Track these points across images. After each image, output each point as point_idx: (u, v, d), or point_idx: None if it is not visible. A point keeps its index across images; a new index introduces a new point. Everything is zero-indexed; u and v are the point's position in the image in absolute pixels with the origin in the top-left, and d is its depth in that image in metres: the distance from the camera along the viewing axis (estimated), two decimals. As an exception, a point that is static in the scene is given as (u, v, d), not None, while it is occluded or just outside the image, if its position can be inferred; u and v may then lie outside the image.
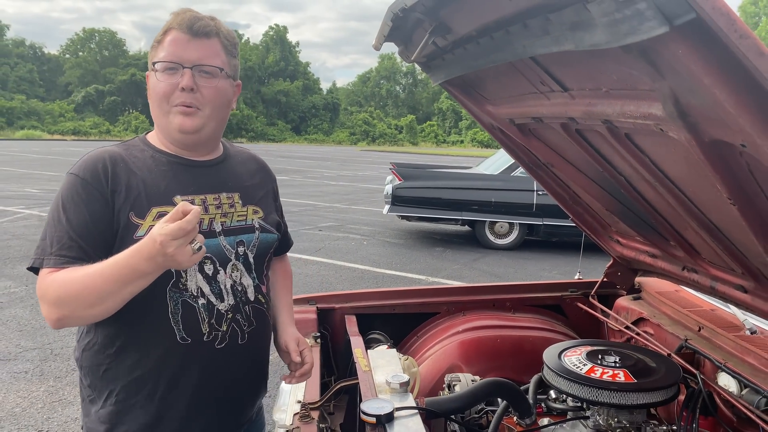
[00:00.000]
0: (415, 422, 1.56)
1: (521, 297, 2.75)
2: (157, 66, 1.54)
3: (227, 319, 1.60)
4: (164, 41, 1.55)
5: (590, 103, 1.42)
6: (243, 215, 1.68)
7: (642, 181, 1.68)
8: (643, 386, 1.68)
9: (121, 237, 1.49)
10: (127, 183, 1.52)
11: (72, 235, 1.46)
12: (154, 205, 1.52)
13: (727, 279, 1.81)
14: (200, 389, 1.59)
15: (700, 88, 0.90)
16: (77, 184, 1.51)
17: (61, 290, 1.40)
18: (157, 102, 1.57)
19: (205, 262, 1.57)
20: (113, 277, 1.36)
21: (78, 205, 1.48)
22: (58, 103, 66.87)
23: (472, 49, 1.62)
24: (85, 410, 1.63)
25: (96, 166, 1.53)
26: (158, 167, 1.59)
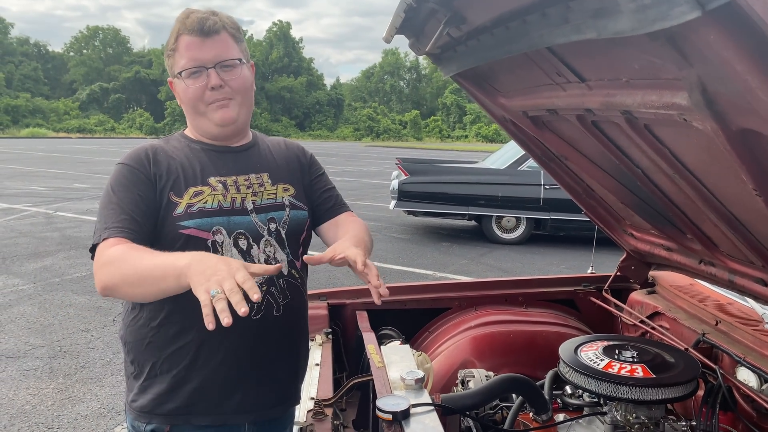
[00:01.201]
0: (432, 419, 1.54)
1: (533, 292, 2.73)
2: (183, 74, 1.64)
3: (261, 291, 1.65)
4: (179, 48, 1.64)
5: (609, 93, 1.39)
6: (273, 193, 1.76)
7: (660, 173, 1.65)
8: (663, 381, 1.65)
9: (163, 216, 1.60)
10: (167, 167, 1.65)
11: (125, 208, 1.56)
12: (190, 186, 1.64)
13: (747, 272, 1.78)
14: (238, 359, 1.65)
15: (732, 76, 0.87)
16: (124, 170, 1.63)
17: (113, 261, 1.45)
18: (192, 105, 1.68)
19: (239, 237, 1.66)
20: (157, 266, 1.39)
21: (126, 187, 1.60)
22: (62, 101, 67.05)
23: (486, 40, 1.59)
24: (129, 386, 1.70)
25: (140, 154, 1.67)
26: (194, 154, 1.71)
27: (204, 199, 1.63)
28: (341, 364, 2.53)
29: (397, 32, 1.78)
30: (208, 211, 1.62)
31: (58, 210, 11.99)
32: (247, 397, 1.69)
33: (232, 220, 1.65)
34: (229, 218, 1.65)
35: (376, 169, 24.37)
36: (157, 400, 1.63)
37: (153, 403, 1.63)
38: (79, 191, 15.07)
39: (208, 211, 1.62)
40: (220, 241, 1.62)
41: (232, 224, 1.65)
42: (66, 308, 5.96)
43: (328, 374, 2.05)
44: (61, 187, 15.93)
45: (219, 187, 1.67)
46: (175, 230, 1.59)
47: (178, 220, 1.60)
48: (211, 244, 1.61)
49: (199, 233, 1.60)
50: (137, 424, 1.66)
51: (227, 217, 1.65)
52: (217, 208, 1.64)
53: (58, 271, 7.36)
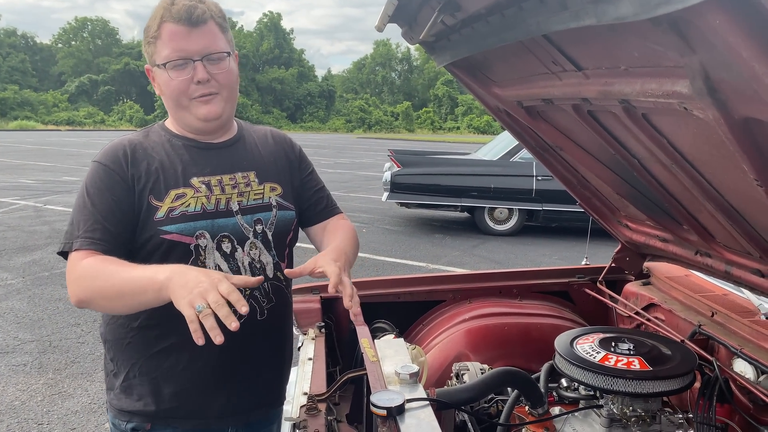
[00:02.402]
0: (427, 414, 1.52)
1: (528, 284, 2.71)
2: (167, 65, 1.55)
3: (245, 295, 1.61)
4: (162, 36, 1.54)
5: (606, 82, 1.37)
6: (260, 194, 1.70)
7: (657, 164, 1.63)
8: (660, 374, 1.63)
9: (143, 220, 1.55)
10: (146, 168, 1.57)
11: (98, 218, 1.50)
12: (171, 188, 1.57)
13: (743, 263, 1.76)
14: (221, 362, 1.62)
15: (737, 62, 0.85)
16: (100, 170, 1.56)
17: (87, 276, 1.43)
18: (174, 99, 1.59)
19: (222, 240, 1.61)
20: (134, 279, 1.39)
21: (102, 191, 1.53)
22: (51, 93, 66.43)
23: (481, 28, 1.56)
24: (109, 384, 1.68)
25: (117, 153, 1.58)
26: (175, 151, 1.63)
27: (186, 202, 1.57)
28: (335, 358, 2.51)
29: (389, 21, 1.74)
30: (191, 215, 1.57)
31: (47, 203, 11.88)
32: (230, 402, 1.67)
33: (216, 223, 1.60)
34: (213, 221, 1.60)
35: (368, 161, 24.32)
36: (138, 402, 1.60)
37: (133, 404, 1.61)
38: (69, 184, 14.93)
39: (191, 215, 1.57)
40: (203, 245, 1.57)
41: (216, 227, 1.60)
42: (55, 302, 5.91)
43: (322, 369, 2.02)
44: (50, 180, 15.78)
45: (202, 188, 1.60)
46: (157, 235, 1.54)
47: (160, 225, 1.54)
48: (194, 248, 1.56)
49: (181, 238, 1.55)
50: (117, 422, 1.64)
51: (211, 221, 1.59)
52: (201, 212, 1.59)
53: (48, 264, 7.29)
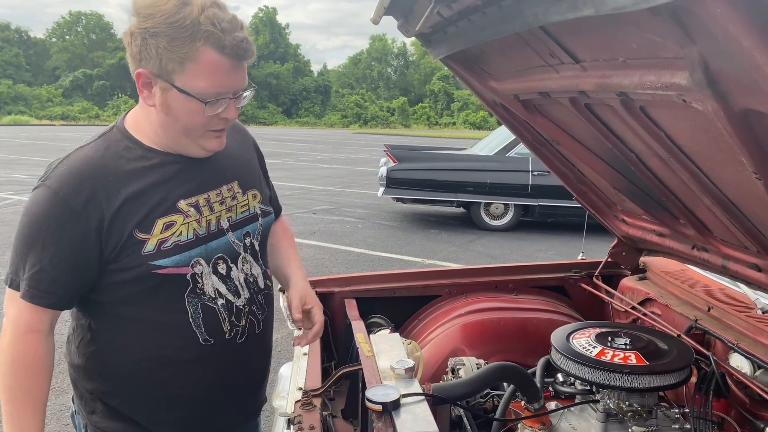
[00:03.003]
0: (422, 409, 1.51)
1: (524, 278, 2.70)
2: (202, 100, 1.34)
3: (245, 314, 1.58)
4: (199, 62, 1.30)
5: (604, 74, 1.35)
6: (245, 205, 1.60)
7: (654, 157, 1.62)
8: (656, 369, 1.63)
9: (126, 255, 1.39)
10: (124, 199, 1.37)
11: (45, 265, 1.35)
12: (158, 217, 1.42)
13: (740, 257, 1.76)
14: (226, 385, 1.59)
15: (737, 52, 0.84)
16: (56, 205, 1.34)
17: (12, 368, 1.38)
18: (188, 129, 1.41)
19: (218, 262, 1.51)
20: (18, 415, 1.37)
21: (58, 233, 1.34)
22: (45, 88, 66.07)
23: (478, 20, 1.54)
24: (89, 407, 1.56)
25: (81, 184, 1.35)
26: (153, 171, 1.43)
27: (177, 230, 1.43)
28: (330, 353, 2.50)
29: (385, 13, 1.72)
30: (184, 244, 1.44)
31: (42, 198, 11.82)
32: (231, 415, 1.66)
33: (210, 247, 1.49)
34: (206, 246, 1.48)
35: (364, 156, 24.28)
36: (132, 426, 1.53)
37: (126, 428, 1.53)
38: (63, 179, 14.85)
39: (184, 244, 1.44)
40: (199, 273, 1.47)
41: (210, 251, 1.49)
42: (50, 298, 5.88)
43: (317, 364, 2.01)
44: (44, 175, 15.70)
45: (191, 212, 1.46)
46: (147, 271, 1.40)
47: (151, 260, 1.39)
48: (190, 277, 1.45)
49: (177, 270, 1.43)
50: None
51: (205, 246, 1.48)
52: (193, 238, 1.46)
53: (42, 260, 7.26)
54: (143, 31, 1.32)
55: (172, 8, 1.29)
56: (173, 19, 1.29)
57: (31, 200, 1.39)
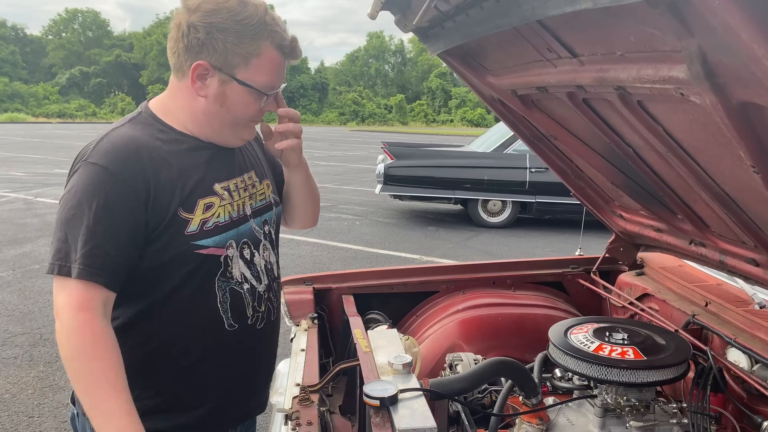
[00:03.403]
0: (420, 404, 1.50)
1: (521, 274, 2.70)
2: (266, 97, 1.47)
3: (264, 300, 1.62)
4: (263, 58, 1.42)
5: (602, 68, 1.35)
6: (263, 193, 1.65)
7: (652, 152, 1.62)
8: (654, 364, 1.63)
9: (170, 233, 1.40)
10: (167, 176, 1.40)
11: (99, 240, 1.31)
12: (199, 198, 1.46)
13: (738, 252, 1.76)
14: (245, 372, 1.60)
15: (736, 44, 0.83)
16: (106, 180, 1.34)
17: (86, 349, 1.28)
18: (239, 119, 1.49)
19: (244, 247, 1.55)
20: (95, 401, 1.28)
21: (109, 208, 1.33)
22: (42, 86, 65.95)
23: (476, 15, 1.54)
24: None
25: (128, 158, 1.37)
26: (189, 154, 1.48)
27: (216, 212, 1.48)
28: (327, 349, 2.49)
29: (382, 8, 1.71)
30: (222, 225, 1.49)
31: (38, 196, 11.80)
32: (250, 403, 1.68)
33: (239, 231, 1.54)
34: (237, 230, 1.53)
35: (361, 153, 24.26)
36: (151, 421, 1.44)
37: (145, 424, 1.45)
38: (60, 177, 14.82)
39: (222, 226, 1.49)
40: (230, 255, 1.51)
41: (239, 235, 1.54)
42: (46, 295, 5.86)
43: (314, 360, 2.00)
44: (41, 172, 15.67)
45: (225, 195, 1.51)
46: (190, 251, 1.43)
47: (193, 240, 1.43)
48: (223, 260, 1.49)
49: (216, 251, 1.47)
50: None
51: (236, 229, 1.53)
52: (228, 221, 1.51)
53: (38, 257, 7.24)
54: (208, 25, 1.38)
55: (236, 6, 1.38)
56: (240, 17, 1.38)
57: (77, 180, 1.36)
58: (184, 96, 1.47)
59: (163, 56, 75.03)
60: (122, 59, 73.83)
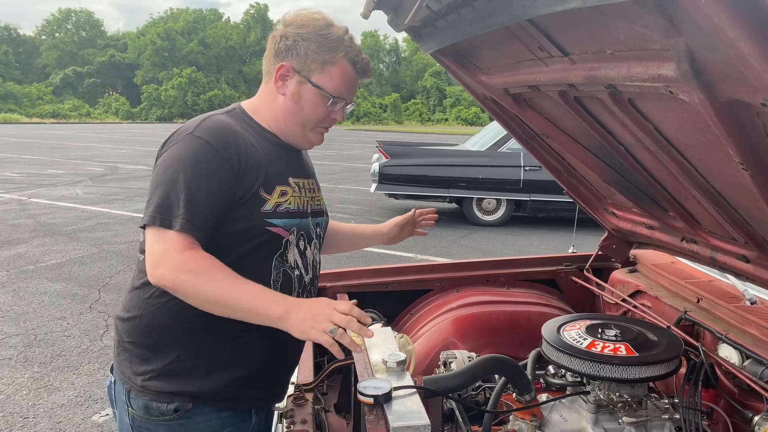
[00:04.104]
0: (414, 401, 1.51)
1: (515, 272, 2.71)
2: (330, 96, 1.64)
3: (307, 291, 1.76)
4: (336, 67, 1.64)
5: (592, 67, 1.36)
6: (319, 200, 1.85)
7: (643, 150, 1.63)
8: (646, 360, 1.64)
9: (249, 206, 1.58)
10: (255, 160, 1.59)
11: (199, 202, 1.48)
12: (277, 184, 1.64)
13: (729, 249, 1.77)
14: (275, 357, 1.68)
15: (723, 43, 0.84)
16: (208, 152, 1.53)
17: (192, 270, 1.43)
18: (308, 119, 1.68)
19: (300, 238, 1.71)
20: (245, 299, 1.44)
21: (207, 174, 1.51)
22: (35, 86, 65.68)
23: (467, 14, 1.54)
24: (138, 369, 1.61)
25: (227, 137, 1.56)
26: (272, 147, 1.69)
27: (288, 199, 1.67)
28: (322, 348, 2.50)
29: (375, 7, 1.72)
30: (292, 212, 1.67)
31: (32, 196, 11.76)
32: (275, 388, 1.75)
33: (302, 223, 1.72)
34: (300, 220, 1.71)
35: (356, 152, 24.26)
36: (187, 383, 1.59)
37: (180, 386, 1.58)
38: (54, 177, 14.78)
39: (292, 213, 1.67)
40: (291, 241, 1.67)
41: (301, 226, 1.71)
42: (41, 296, 5.85)
43: (309, 358, 2.01)
44: (34, 173, 15.61)
45: (296, 189, 1.71)
46: (262, 226, 1.60)
47: (267, 217, 1.61)
48: (284, 243, 1.65)
49: (282, 232, 1.64)
50: (155, 405, 1.59)
51: (300, 220, 1.71)
52: (296, 210, 1.69)
53: (32, 258, 7.22)
54: (296, 35, 1.64)
55: (323, 24, 1.65)
56: (324, 32, 1.64)
57: (181, 148, 1.54)
58: (269, 97, 1.70)
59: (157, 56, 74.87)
60: (116, 59, 73.59)
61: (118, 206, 10.88)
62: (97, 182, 14.07)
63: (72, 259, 7.20)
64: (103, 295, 5.87)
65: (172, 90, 63.35)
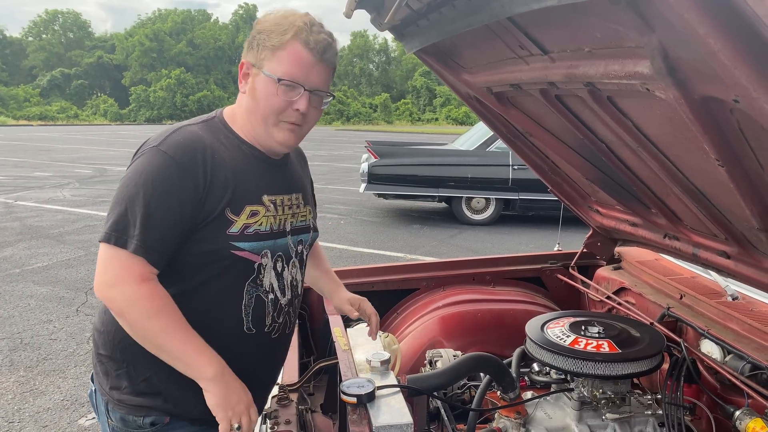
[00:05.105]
0: (397, 400, 1.51)
1: (501, 270, 2.72)
2: (280, 82, 1.52)
3: (284, 312, 1.69)
4: (287, 50, 1.52)
5: (571, 65, 1.37)
6: (304, 216, 1.75)
7: (624, 147, 1.64)
8: (628, 356, 1.65)
9: (213, 228, 1.50)
10: (224, 177, 1.52)
11: (156, 223, 1.43)
12: (247, 204, 1.56)
13: (710, 245, 1.78)
14: (252, 374, 1.62)
15: (693, 40, 0.85)
16: (172, 168, 1.46)
17: (143, 309, 1.42)
18: (266, 112, 1.56)
19: (278, 259, 1.64)
20: (183, 352, 1.44)
21: (169, 193, 1.45)
22: (22, 88, 65.08)
23: (448, 13, 1.55)
24: (115, 383, 1.59)
25: (194, 154, 1.49)
26: (247, 162, 1.60)
27: (259, 221, 1.58)
28: (309, 348, 2.50)
29: (356, 6, 1.72)
30: (262, 234, 1.58)
31: (18, 199, 11.66)
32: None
33: (277, 243, 1.63)
34: (275, 241, 1.63)
35: (346, 152, 24.23)
36: (162, 401, 1.56)
37: (155, 402, 1.56)
38: (41, 180, 14.66)
39: (262, 235, 1.58)
40: (264, 264, 1.60)
41: (276, 247, 1.63)
42: (27, 299, 5.80)
43: (294, 359, 2.01)
44: (21, 175, 15.47)
45: (271, 207, 1.62)
46: (227, 249, 1.52)
47: (232, 240, 1.52)
48: (257, 267, 1.58)
49: (250, 256, 1.56)
50: (131, 418, 1.57)
51: (274, 241, 1.62)
52: (269, 231, 1.60)
53: (18, 261, 7.15)
54: (256, 30, 1.57)
55: (281, 15, 1.57)
56: (278, 21, 1.54)
57: (144, 162, 1.48)
58: (239, 99, 1.63)
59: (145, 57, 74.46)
60: (104, 60, 73.11)
61: (105, 209, 10.76)
62: (84, 184, 13.96)
63: (59, 262, 7.14)
64: (90, 298, 5.82)
65: (160, 91, 63.01)
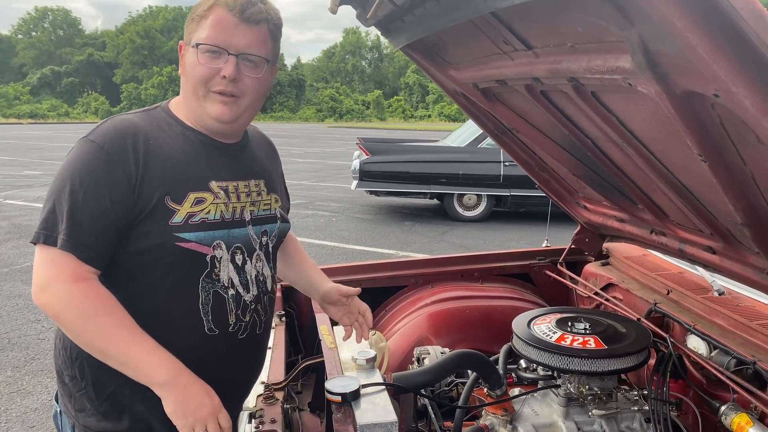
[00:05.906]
0: (383, 398, 1.50)
1: (489, 267, 2.71)
2: (200, 47, 1.43)
3: (250, 310, 1.57)
4: (208, 17, 1.43)
5: (555, 60, 1.36)
6: (268, 204, 1.63)
7: (609, 143, 1.63)
8: (614, 352, 1.65)
9: (154, 220, 1.40)
10: (161, 164, 1.42)
11: (85, 217, 1.34)
12: (191, 191, 1.44)
13: (696, 240, 1.78)
14: (220, 379, 1.50)
15: (672, 33, 0.84)
16: (100, 157, 1.37)
17: (88, 310, 1.32)
18: (193, 84, 1.47)
19: (236, 252, 1.52)
20: (130, 356, 1.33)
21: (97, 184, 1.35)
22: (12, 86, 64.61)
23: (432, 8, 1.54)
24: (77, 405, 1.50)
25: (124, 140, 1.39)
26: (191, 147, 1.50)
27: (206, 208, 1.46)
28: (296, 347, 2.49)
29: (341, 2, 1.70)
30: (210, 223, 1.46)
31: (7, 198, 11.57)
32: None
33: (232, 233, 1.52)
34: (229, 231, 1.51)
35: (338, 150, 24.19)
36: (123, 422, 1.47)
37: (121, 425, 1.47)
38: (30, 178, 14.56)
39: (210, 223, 1.46)
40: (219, 257, 1.48)
41: (232, 238, 1.51)
42: (14, 299, 5.76)
43: (281, 357, 1.99)
44: (10, 174, 15.36)
45: (221, 194, 1.50)
46: (171, 242, 1.41)
47: (176, 231, 1.41)
48: (209, 259, 1.46)
49: (199, 248, 1.44)
50: None
51: (228, 230, 1.50)
52: (219, 220, 1.48)
53: (7, 261, 7.10)
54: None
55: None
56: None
57: (73, 154, 1.40)
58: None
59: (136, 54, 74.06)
60: (95, 58, 72.68)
61: (96, 207, 10.72)
62: (75, 183, 13.87)
63: (48, 260, 7.09)
64: (79, 296, 5.79)
65: (152, 89, 62.65)
